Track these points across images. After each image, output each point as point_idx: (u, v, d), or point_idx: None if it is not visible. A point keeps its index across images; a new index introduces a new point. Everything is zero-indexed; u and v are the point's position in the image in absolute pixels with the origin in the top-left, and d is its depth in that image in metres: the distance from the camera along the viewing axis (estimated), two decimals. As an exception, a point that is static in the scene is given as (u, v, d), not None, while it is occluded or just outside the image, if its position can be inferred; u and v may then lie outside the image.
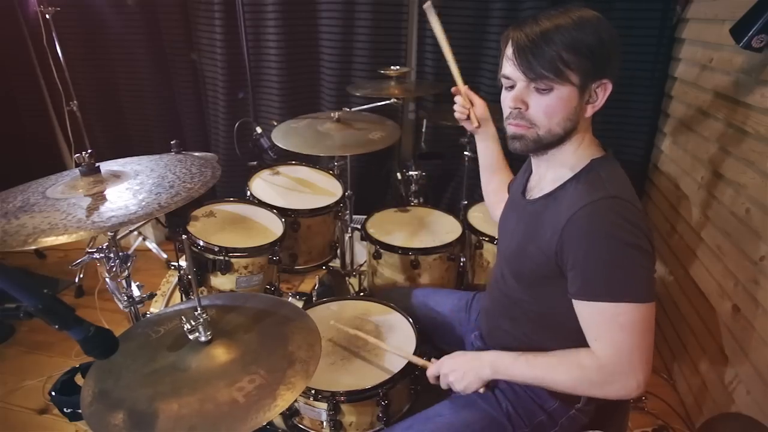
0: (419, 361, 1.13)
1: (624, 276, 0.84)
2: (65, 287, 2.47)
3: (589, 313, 0.88)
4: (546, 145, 0.92)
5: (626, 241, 0.83)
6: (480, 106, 1.25)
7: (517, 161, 1.20)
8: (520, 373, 0.97)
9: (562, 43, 0.82)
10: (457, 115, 1.25)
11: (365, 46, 2.37)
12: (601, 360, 0.87)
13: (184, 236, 0.96)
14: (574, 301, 0.90)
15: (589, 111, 0.90)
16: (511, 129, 0.93)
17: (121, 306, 1.38)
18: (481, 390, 1.02)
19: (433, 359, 1.11)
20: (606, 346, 0.87)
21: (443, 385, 1.06)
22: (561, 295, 0.91)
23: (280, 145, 1.64)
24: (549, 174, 0.98)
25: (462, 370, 1.02)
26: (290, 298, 1.69)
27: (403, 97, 2.15)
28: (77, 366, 0.99)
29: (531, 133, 0.91)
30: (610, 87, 0.88)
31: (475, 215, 1.80)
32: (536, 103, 0.88)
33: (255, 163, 1.91)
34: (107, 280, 1.36)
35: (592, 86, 0.87)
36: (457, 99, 1.24)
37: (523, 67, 0.85)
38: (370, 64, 2.38)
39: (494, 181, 1.32)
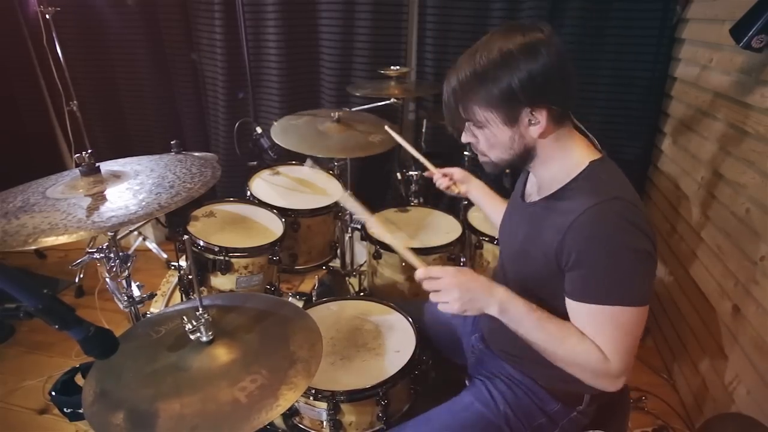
0: (418, 263, 1.00)
1: (625, 280, 0.85)
2: (65, 287, 2.47)
3: (585, 313, 0.89)
4: (508, 166, 0.97)
5: (630, 245, 0.84)
6: (457, 172, 1.41)
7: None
8: (525, 327, 0.91)
9: (472, 99, 0.89)
10: (443, 187, 1.40)
11: (365, 46, 2.37)
12: (606, 355, 0.88)
13: (185, 237, 0.96)
14: (569, 300, 0.90)
15: (536, 131, 0.90)
16: (479, 157, 1.01)
17: (121, 306, 1.38)
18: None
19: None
20: (605, 343, 0.88)
21: (429, 287, 0.94)
22: (562, 297, 0.92)
23: (280, 144, 1.64)
24: (546, 178, 0.99)
25: (469, 294, 0.92)
26: (290, 298, 1.69)
27: (403, 97, 2.15)
28: (77, 366, 0.99)
29: (487, 160, 0.99)
30: (546, 111, 0.87)
31: (475, 215, 1.80)
32: (480, 137, 0.95)
33: (255, 163, 1.90)
34: (107, 280, 1.36)
35: (521, 116, 0.88)
36: (436, 178, 1.41)
37: (448, 120, 0.97)
38: (370, 64, 2.38)
39: (499, 211, 1.32)
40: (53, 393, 0.97)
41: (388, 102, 2.01)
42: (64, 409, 0.96)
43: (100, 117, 2.83)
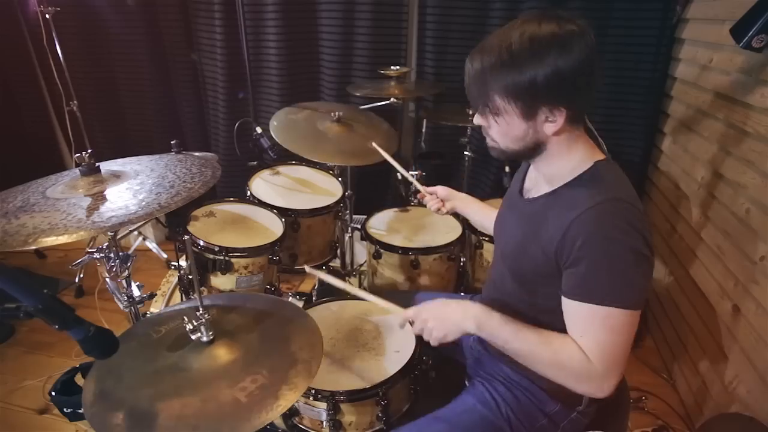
0: (394, 308, 1.04)
1: (621, 281, 0.85)
2: (65, 287, 2.47)
3: (578, 312, 0.89)
4: (515, 156, 0.96)
5: (628, 246, 0.83)
6: (440, 191, 1.42)
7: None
8: (503, 339, 0.93)
9: (493, 86, 0.86)
10: (434, 209, 1.41)
11: (365, 46, 2.37)
12: (588, 356, 0.88)
13: (185, 237, 0.96)
14: (564, 298, 0.90)
15: (551, 129, 0.89)
16: (487, 141, 1.00)
17: (121, 306, 1.38)
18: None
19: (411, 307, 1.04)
20: (591, 344, 0.87)
21: (416, 330, 1.00)
22: (559, 294, 0.92)
23: (279, 141, 1.64)
24: (548, 174, 0.99)
25: (442, 318, 0.97)
26: (290, 298, 1.69)
27: (403, 97, 2.15)
28: (77, 366, 0.99)
29: (496, 146, 0.97)
30: (565, 110, 0.86)
31: (475, 215, 1.80)
32: (492, 124, 0.93)
33: (255, 163, 1.90)
34: (107, 280, 1.36)
35: (540, 112, 0.87)
36: (426, 200, 1.42)
37: (470, 102, 0.94)
38: (370, 64, 2.38)
39: (490, 218, 1.30)
40: (53, 393, 0.97)
41: (388, 102, 2.01)
42: (64, 409, 0.96)
43: (100, 117, 2.83)
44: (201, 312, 0.92)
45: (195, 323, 0.92)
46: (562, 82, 0.82)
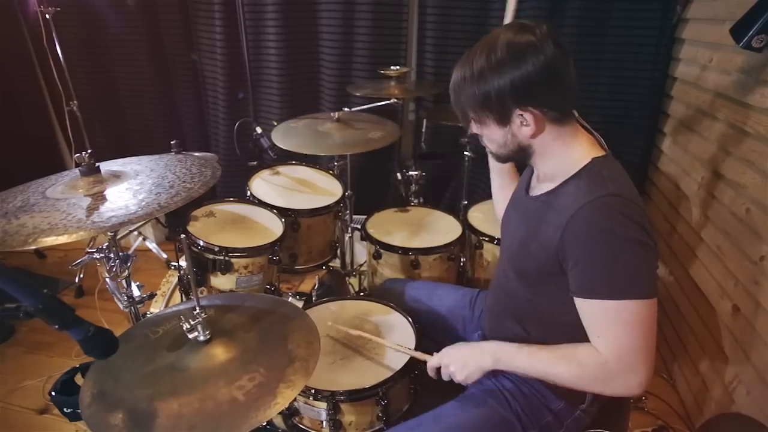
0: (421, 356, 1.13)
1: (626, 273, 0.85)
2: (65, 287, 2.47)
3: (591, 310, 0.89)
4: (508, 159, 1.04)
5: (627, 238, 0.84)
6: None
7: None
8: (522, 365, 0.98)
9: (467, 98, 0.94)
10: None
11: (365, 46, 2.37)
12: (604, 357, 0.88)
13: (182, 236, 0.96)
14: (576, 299, 0.90)
15: (527, 132, 0.92)
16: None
17: (121, 306, 1.38)
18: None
19: (434, 353, 1.11)
20: (609, 343, 0.87)
21: (444, 377, 1.07)
22: (563, 293, 0.92)
23: (280, 146, 1.64)
24: (549, 172, 0.99)
25: (463, 361, 1.04)
26: (290, 298, 1.69)
27: (403, 97, 2.15)
28: (77, 366, 0.99)
29: (491, 151, 1.05)
30: (534, 113, 0.89)
31: (475, 215, 1.80)
32: (482, 131, 1.00)
33: (255, 163, 1.91)
34: (107, 280, 1.36)
35: (512, 117, 0.91)
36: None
37: (458, 114, 1.02)
38: (370, 64, 2.38)
39: (506, 185, 1.31)
40: (53, 393, 0.97)
41: (388, 102, 2.01)
42: (64, 409, 0.96)
43: (100, 117, 2.83)
44: (197, 311, 0.92)
45: (192, 323, 0.92)
46: (522, 90, 0.87)
